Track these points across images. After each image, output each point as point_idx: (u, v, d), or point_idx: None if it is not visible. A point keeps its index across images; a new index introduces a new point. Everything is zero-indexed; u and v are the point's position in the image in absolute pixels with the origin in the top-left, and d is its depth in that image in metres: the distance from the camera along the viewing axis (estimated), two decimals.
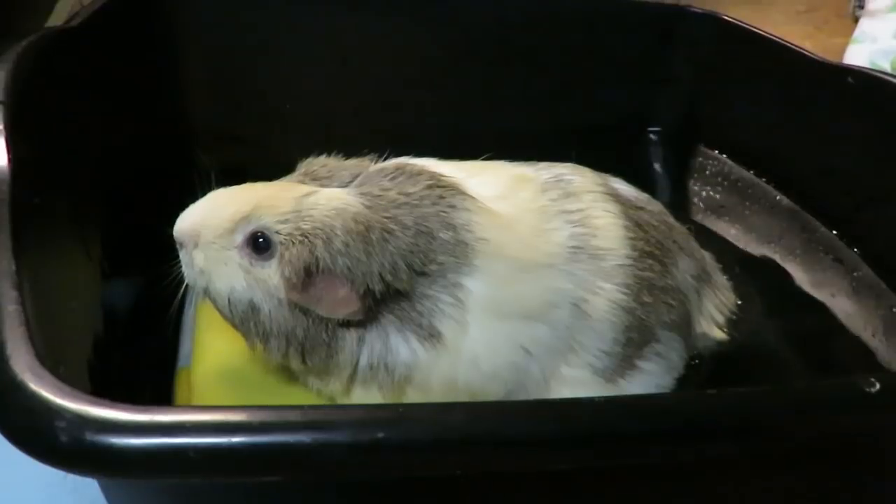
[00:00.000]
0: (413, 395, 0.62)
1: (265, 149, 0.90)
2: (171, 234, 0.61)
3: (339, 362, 0.62)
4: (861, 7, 1.50)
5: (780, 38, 0.91)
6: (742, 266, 0.87)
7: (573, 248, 0.65)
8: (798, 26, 1.56)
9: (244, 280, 0.60)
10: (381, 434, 0.37)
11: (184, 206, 0.62)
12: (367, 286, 0.58)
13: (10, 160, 0.51)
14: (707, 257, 0.79)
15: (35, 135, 0.58)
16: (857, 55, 1.36)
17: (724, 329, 0.77)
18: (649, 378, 0.69)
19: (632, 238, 0.68)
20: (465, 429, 0.38)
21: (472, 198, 0.62)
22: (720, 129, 0.99)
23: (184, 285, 0.63)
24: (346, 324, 0.60)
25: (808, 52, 0.88)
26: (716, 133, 1.00)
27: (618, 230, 0.67)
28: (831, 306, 0.84)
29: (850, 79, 0.82)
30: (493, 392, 0.63)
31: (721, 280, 0.80)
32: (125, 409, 0.35)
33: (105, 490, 0.48)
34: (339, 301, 0.58)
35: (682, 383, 0.72)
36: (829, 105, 0.85)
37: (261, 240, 0.59)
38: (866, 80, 0.81)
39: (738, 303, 0.80)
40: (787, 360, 0.80)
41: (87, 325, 0.61)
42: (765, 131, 0.94)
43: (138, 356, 0.71)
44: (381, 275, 0.58)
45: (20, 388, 0.36)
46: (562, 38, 0.96)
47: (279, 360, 0.63)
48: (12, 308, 0.40)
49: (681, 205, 0.98)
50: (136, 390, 0.67)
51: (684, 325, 0.71)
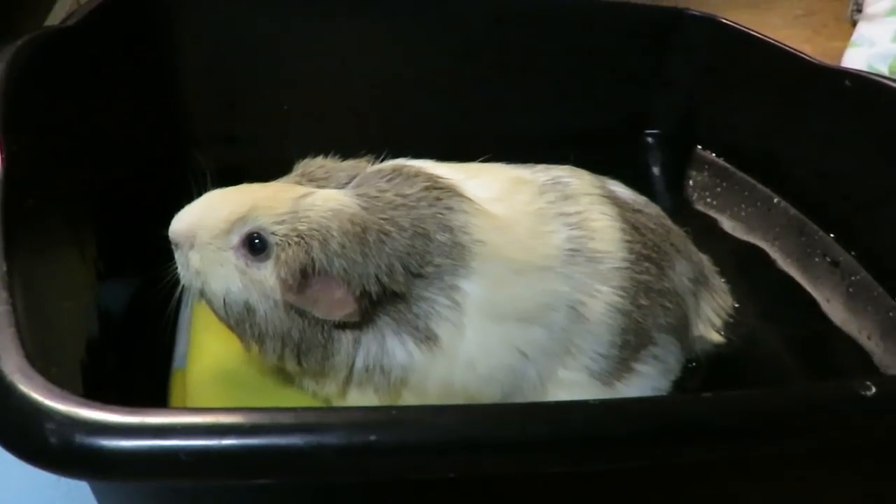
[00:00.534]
0: (409, 398, 0.62)
1: (262, 149, 0.90)
2: (167, 235, 0.61)
3: (335, 364, 0.61)
4: (859, 11, 1.50)
5: (778, 42, 0.91)
6: (739, 269, 0.87)
7: (570, 250, 0.65)
8: (796, 30, 1.56)
9: (240, 281, 0.60)
10: (373, 436, 0.36)
11: (180, 207, 0.62)
12: (364, 288, 0.58)
13: (3, 160, 0.51)
14: (704, 260, 0.79)
15: (29, 134, 0.58)
16: (856, 59, 1.36)
17: (721, 332, 0.77)
18: (646, 381, 0.69)
19: (629, 241, 0.68)
20: (457, 431, 0.38)
21: (470, 200, 0.62)
22: (718, 131, 0.99)
23: (179, 286, 0.62)
24: (343, 325, 0.60)
25: (806, 56, 0.87)
26: (713, 136, 1.00)
27: (615, 233, 0.67)
28: (828, 310, 0.84)
29: (847, 82, 0.82)
30: (490, 395, 0.63)
31: (718, 283, 0.80)
32: (115, 411, 0.35)
33: (97, 493, 0.47)
34: (336, 303, 0.58)
35: (678, 386, 0.72)
36: (827, 108, 0.85)
37: (257, 241, 0.59)
38: (864, 83, 0.81)
39: (735, 306, 0.80)
40: (784, 364, 0.80)
41: (81, 327, 0.61)
42: (762, 134, 0.94)
43: (133, 358, 0.71)
44: (377, 276, 0.58)
45: (9, 390, 0.36)
46: (560, 40, 0.96)
47: (275, 362, 0.63)
48: (3, 309, 0.40)
49: (678, 208, 0.98)
50: (131, 392, 0.66)
51: (681, 328, 0.71)
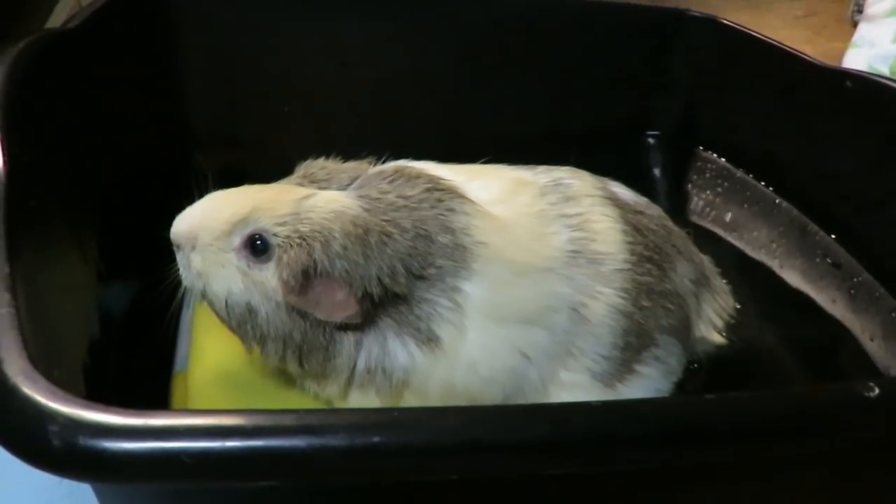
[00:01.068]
0: (411, 400, 0.62)
1: (263, 151, 0.90)
2: (169, 237, 0.61)
3: (337, 366, 0.61)
4: (860, 12, 1.50)
5: (779, 42, 0.91)
6: (741, 270, 0.87)
7: (572, 252, 0.65)
8: (797, 31, 1.56)
9: (241, 283, 0.60)
10: (376, 438, 0.36)
11: (181, 209, 0.62)
12: (366, 289, 0.57)
13: (5, 162, 0.51)
14: (706, 261, 0.79)
15: (31, 136, 0.58)
16: (856, 60, 1.36)
17: (723, 333, 0.77)
18: (648, 382, 0.68)
19: (630, 242, 0.68)
20: (459, 433, 0.38)
21: (471, 201, 0.62)
22: (719, 132, 0.99)
23: (181, 288, 0.62)
24: (344, 327, 0.60)
25: (806, 56, 0.87)
26: (715, 137, 1.00)
27: (616, 234, 0.67)
28: (830, 310, 0.84)
29: (848, 83, 0.82)
30: (492, 397, 0.62)
31: (720, 284, 0.80)
32: (118, 413, 0.35)
33: (99, 494, 0.47)
34: (337, 304, 0.58)
35: (680, 388, 0.72)
36: (828, 109, 0.85)
37: (258, 242, 0.59)
38: (865, 83, 0.81)
39: (737, 307, 0.80)
40: (786, 365, 0.80)
41: (83, 329, 0.61)
42: (764, 135, 0.94)
43: (135, 359, 0.71)
44: (379, 278, 0.58)
45: (13, 392, 0.36)
46: (561, 41, 0.96)
47: (276, 364, 0.63)
48: (5, 311, 0.40)
49: (680, 209, 0.98)
50: (133, 394, 0.66)
51: (683, 330, 0.71)
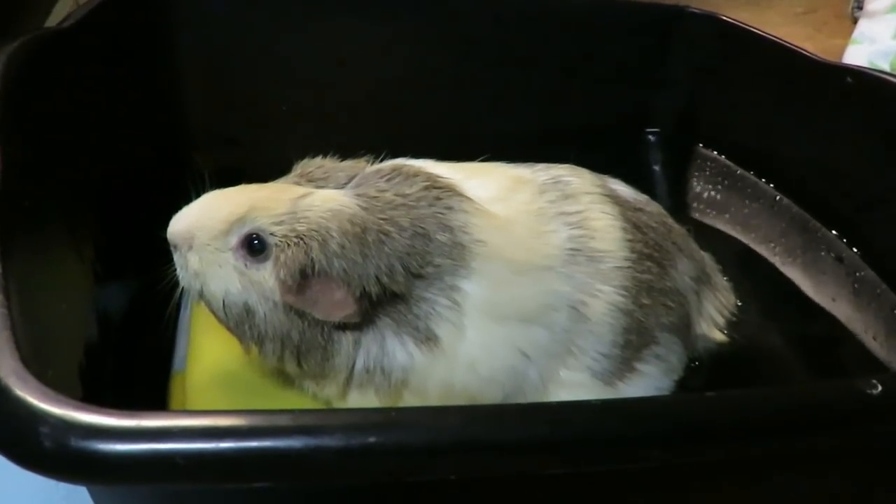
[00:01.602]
0: (410, 399, 0.62)
1: (260, 150, 0.90)
2: (166, 237, 0.61)
3: (335, 366, 0.61)
4: (860, 8, 1.49)
5: (779, 39, 0.91)
6: (742, 267, 0.87)
7: (571, 250, 0.64)
8: (797, 27, 1.56)
9: (239, 282, 0.59)
10: (372, 438, 0.36)
11: (178, 208, 0.61)
12: (364, 288, 0.57)
13: (0, 162, 0.50)
14: (706, 258, 0.79)
15: (26, 136, 0.57)
16: (857, 56, 1.35)
17: (724, 331, 0.76)
18: (648, 380, 0.68)
19: (630, 240, 0.67)
20: (458, 433, 0.38)
21: (470, 199, 0.62)
22: (719, 129, 0.99)
23: (179, 288, 0.62)
24: (342, 327, 0.60)
25: (807, 53, 0.87)
26: (715, 134, 0.99)
27: (616, 232, 0.67)
28: (832, 308, 0.84)
29: (849, 79, 0.82)
30: (491, 396, 0.62)
31: (721, 281, 0.80)
32: (110, 415, 0.35)
33: (94, 496, 0.47)
34: (335, 304, 0.58)
35: (681, 385, 0.72)
36: (829, 105, 0.85)
37: (256, 242, 0.59)
38: (866, 79, 0.81)
39: (738, 304, 0.80)
40: (788, 362, 0.80)
41: (78, 329, 0.61)
42: (764, 132, 0.93)
43: (132, 360, 0.71)
44: (377, 277, 0.57)
45: (4, 393, 0.36)
46: (560, 38, 0.96)
47: (275, 364, 0.63)
48: None
49: (680, 206, 0.98)
50: (131, 395, 0.66)
51: (683, 327, 0.71)
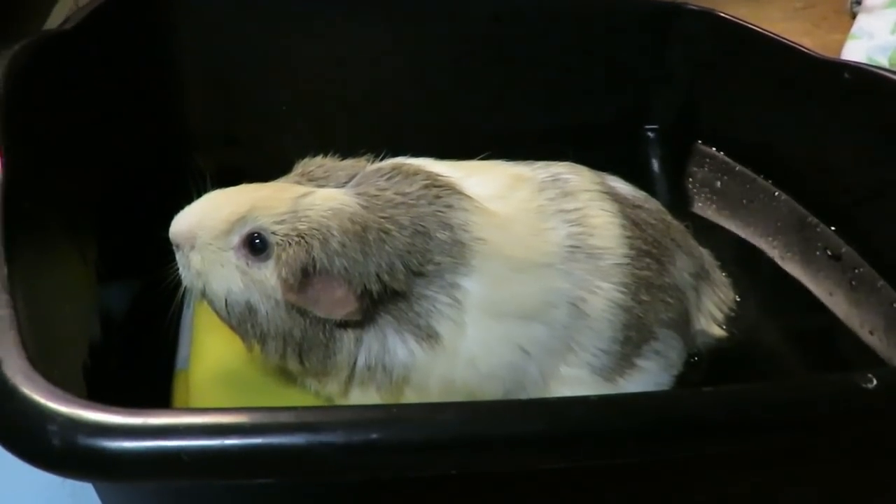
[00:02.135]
0: (411, 396, 0.62)
1: (261, 150, 0.90)
2: (168, 236, 0.61)
3: (337, 363, 0.61)
4: (858, 3, 1.49)
5: (777, 35, 0.91)
6: (741, 263, 0.87)
7: (570, 247, 0.65)
8: (796, 23, 1.56)
9: (241, 281, 0.60)
10: (374, 435, 0.36)
11: (180, 208, 0.62)
12: (365, 287, 0.58)
13: (2, 164, 0.51)
14: (705, 255, 0.79)
15: (28, 138, 0.58)
16: (855, 51, 1.35)
17: (723, 326, 0.76)
18: (648, 376, 0.68)
19: (629, 237, 0.68)
20: (458, 429, 0.38)
21: (469, 197, 0.62)
22: (718, 126, 0.99)
23: (181, 288, 0.63)
24: (344, 325, 0.60)
25: (805, 49, 0.87)
26: (713, 130, 1.00)
27: (615, 229, 0.67)
28: (830, 303, 0.84)
29: (847, 74, 0.82)
30: (492, 392, 0.63)
31: (719, 277, 0.80)
32: (117, 412, 0.35)
33: (101, 493, 0.47)
34: (337, 302, 0.58)
35: (680, 381, 0.72)
36: (827, 101, 0.85)
37: (257, 241, 0.59)
38: (864, 75, 0.81)
39: (737, 300, 0.80)
40: (786, 357, 0.80)
41: (83, 329, 0.61)
42: (762, 128, 0.94)
43: (136, 359, 0.71)
44: (378, 275, 0.58)
45: (12, 392, 0.36)
46: (558, 35, 0.96)
47: (277, 362, 0.63)
48: (4, 312, 0.40)
49: (678, 202, 0.98)
50: (134, 394, 0.66)
51: (683, 323, 0.71)
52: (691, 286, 0.73)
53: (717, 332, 0.76)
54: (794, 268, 0.89)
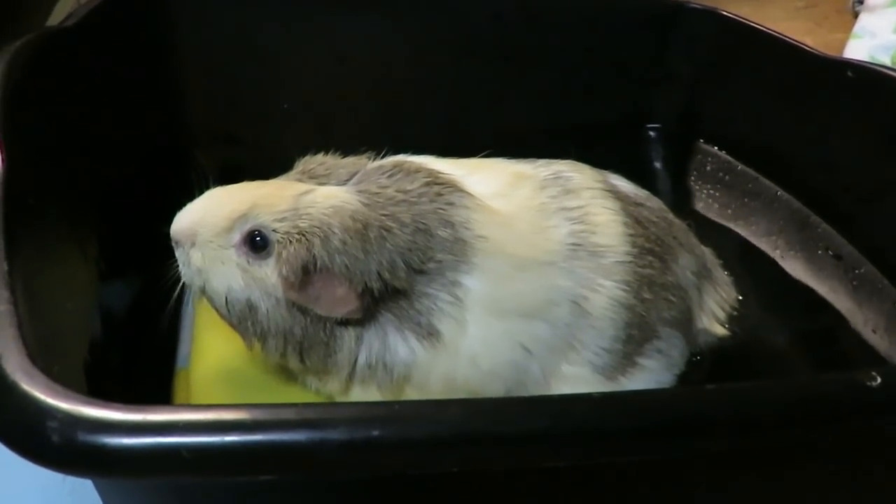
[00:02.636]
0: (412, 394, 0.62)
1: (262, 148, 0.90)
2: (168, 234, 0.61)
3: (338, 361, 0.61)
4: (860, 2, 1.49)
5: (779, 34, 0.90)
6: (743, 262, 0.87)
7: (572, 245, 0.65)
8: (798, 22, 1.55)
9: (241, 279, 0.60)
10: (375, 432, 0.36)
11: (181, 206, 0.62)
12: (366, 285, 0.57)
13: (3, 160, 0.51)
14: (707, 253, 0.79)
15: (29, 134, 0.58)
16: (857, 51, 1.35)
17: (725, 325, 0.76)
18: (650, 375, 0.68)
19: (631, 235, 0.67)
20: (460, 426, 0.38)
21: (471, 195, 0.62)
22: (720, 124, 0.99)
23: (181, 285, 0.62)
24: (345, 323, 0.60)
25: (808, 47, 0.87)
26: (715, 129, 0.99)
27: (617, 227, 0.67)
28: (832, 302, 0.84)
29: (850, 73, 0.82)
30: (493, 390, 0.62)
31: (722, 276, 0.80)
32: (117, 409, 0.35)
33: (101, 491, 0.47)
34: (338, 300, 0.58)
35: (682, 380, 0.72)
36: (830, 100, 0.85)
37: (258, 238, 0.59)
38: (867, 74, 0.81)
39: (739, 298, 0.80)
40: (789, 356, 0.80)
41: (83, 326, 0.61)
42: (765, 127, 0.93)
43: (137, 357, 0.71)
44: (379, 273, 0.57)
45: (11, 388, 0.36)
46: (560, 34, 0.96)
47: (277, 360, 0.63)
48: (4, 308, 0.40)
49: (681, 201, 0.97)
50: (135, 392, 0.67)
51: (685, 322, 0.71)
52: (694, 285, 0.73)
53: (720, 330, 0.76)
54: (795, 267, 0.89)
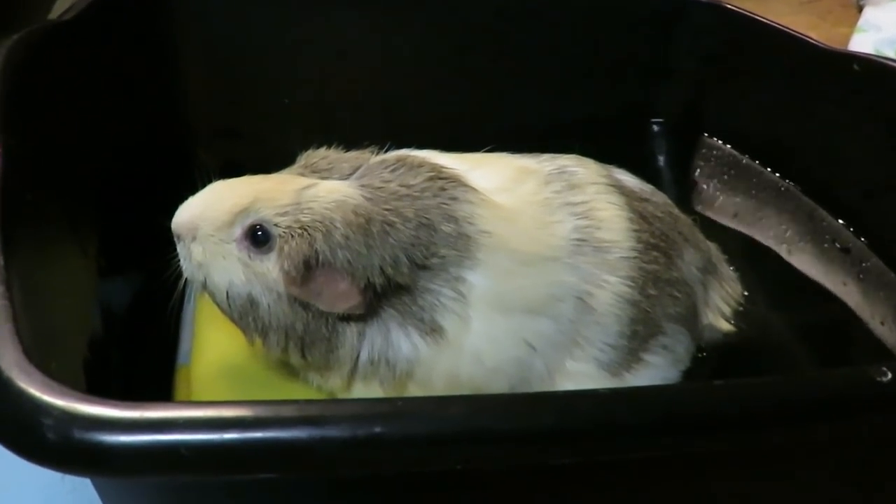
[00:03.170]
0: (415, 391, 0.61)
1: (264, 143, 0.89)
2: (170, 228, 0.60)
3: (340, 357, 0.61)
4: None
5: (784, 27, 0.90)
6: (748, 257, 0.86)
7: (577, 240, 0.64)
8: (802, 16, 1.54)
9: (243, 274, 0.59)
10: (378, 429, 0.36)
11: (182, 200, 0.61)
12: (368, 280, 0.57)
13: (1, 154, 0.50)
14: (712, 248, 0.78)
15: (28, 129, 0.57)
16: (862, 44, 1.34)
17: (731, 321, 0.76)
18: (655, 371, 0.68)
19: (636, 230, 0.67)
20: (463, 422, 0.37)
21: (475, 190, 0.62)
22: (724, 119, 0.98)
23: (182, 280, 0.62)
24: (347, 318, 0.59)
25: (813, 40, 0.86)
26: (720, 123, 0.99)
27: (622, 222, 0.67)
28: (839, 296, 0.83)
29: (856, 66, 0.81)
30: (497, 387, 0.62)
31: (727, 271, 0.79)
32: (114, 406, 0.35)
33: (99, 489, 0.47)
34: (340, 295, 0.58)
35: (688, 376, 0.71)
36: (835, 93, 0.84)
37: (259, 233, 0.59)
38: (872, 66, 0.80)
39: (745, 294, 0.79)
40: (795, 352, 0.79)
41: (83, 323, 0.61)
42: (770, 120, 0.93)
43: (137, 354, 0.71)
44: (381, 268, 0.57)
45: (6, 385, 0.36)
46: (563, 28, 0.95)
47: (279, 356, 0.63)
48: (0, 303, 0.39)
49: (685, 196, 0.97)
50: (136, 389, 0.66)
51: (690, 318, 0.70)
52: (699, 280, 0.72)
53: (725, 326, 0.75)
54: (802, 261, 0.88)
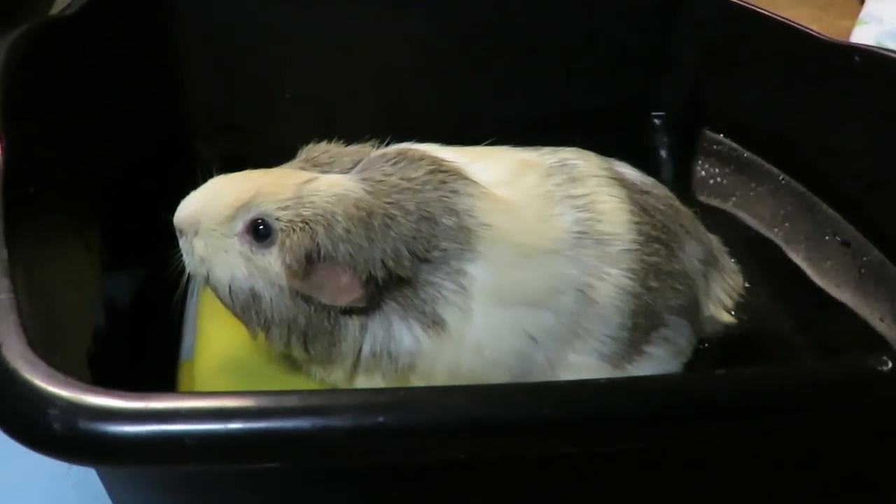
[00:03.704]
0: (417, 384, 0.62)
1: (265, 138, 0.90)
2: (171, 223, 0.61)
3: (342, 350, 0.61)
4: None
5: (786, 19, 0.90)
6: (749, 249, 0.86)
7: (578, 233, 0.64)
8: (803, 9, 1.54)
9: (245, 268, 0.60)
10: (381, 418, 0.36)
11: (184, 195, 0.61)
12: (370, 273, 0.57)
13: (3, 149, 0.50)
14: (714, 241, 0.78)
15: (30, 123, 0.57)
16: (864, 37, 1.34)
17: (732, 313, 0.76)
18: (657, 363, 0.68)
19: (638, 222, 0.67)
20: (465, 412, 0.37)
21: (475, 183, 0.62)
22: (725, 111, 0.98)
23: (185, 275, 0.62)
24: (349, 311, 0.60)
25: (814, 32, 0.86)
26: (721, 116, 0.99)
27: (623, 215, 0.67)
28: (839, 289, 0.83)
29: (857, 58, 0.81)
30: (498, 380, 0.62)
31: (728, 263, 0.79)
32: (119, 396, 0.35)
33: (105, 480, 0.47)
34: (342, 288, 0.58)
35: (690, 368, 0.71)
36: (837, 85, 0.84)
37: (261, 227, 0.59)
38: (874, 58, 0.80)
39: (746, 286, 0.79)
40: (796, 344, 0.79)
41: (87, 317, 0.61)
42: (771, 113, 0.93)
43: (141, 347, 0.71)
44: (383, 261, 0.57)
45: (12, 376, 0.36)
46: (564, 21, 0.95)
47: (282, 349, 0.63)
48: (4, 296, 0.40)
49: (686, 188, 0.97)
50: (140, 381, 0.66)
51: (692, 310, 0.70)
52: (700, 272, 0.72)
53: (727, 318, 0.75)
54: (802, 254, 0.88)
